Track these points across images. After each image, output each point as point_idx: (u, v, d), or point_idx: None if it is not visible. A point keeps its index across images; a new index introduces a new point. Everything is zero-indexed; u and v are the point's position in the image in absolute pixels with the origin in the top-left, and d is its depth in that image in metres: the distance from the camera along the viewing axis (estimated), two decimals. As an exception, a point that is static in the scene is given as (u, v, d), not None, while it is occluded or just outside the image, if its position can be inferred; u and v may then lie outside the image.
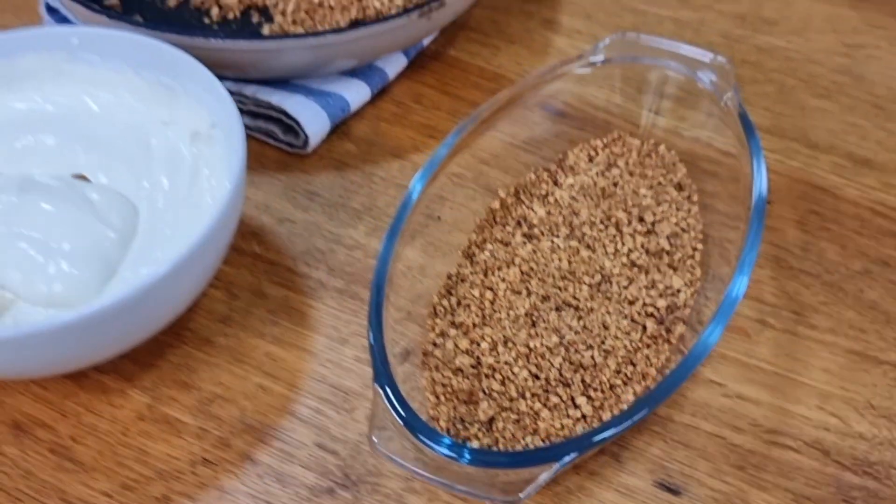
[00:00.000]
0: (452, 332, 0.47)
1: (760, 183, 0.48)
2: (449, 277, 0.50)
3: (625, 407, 0.44)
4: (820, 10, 0.69)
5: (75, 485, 0.44)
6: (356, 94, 0.58)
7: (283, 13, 0.60)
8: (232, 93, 0.50)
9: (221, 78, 0.50)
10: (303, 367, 0.48)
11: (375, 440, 0.39)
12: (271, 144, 0.58)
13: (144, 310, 0.42)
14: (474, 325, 0.47)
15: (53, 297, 0.44)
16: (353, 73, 0.59)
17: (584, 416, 0.44)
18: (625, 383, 0.45)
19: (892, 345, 0.49)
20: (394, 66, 0.61)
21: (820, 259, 0.53)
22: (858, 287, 0.52)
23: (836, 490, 0.44)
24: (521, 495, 0.39)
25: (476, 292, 0.48)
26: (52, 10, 0.61)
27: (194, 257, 0.42)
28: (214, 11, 0.62)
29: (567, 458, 0.39)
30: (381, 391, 0.40)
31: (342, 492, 0.44)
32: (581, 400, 0.44)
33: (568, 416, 0.44)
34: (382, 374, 0.41)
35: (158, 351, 0.48)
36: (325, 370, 0.48)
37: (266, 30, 0.60)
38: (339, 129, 0.59)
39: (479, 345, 0.46)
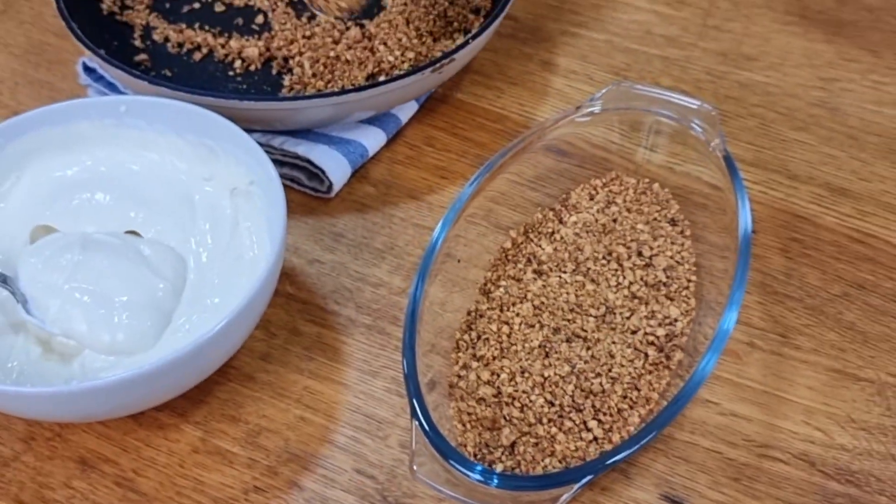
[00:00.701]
0: (474, 364, 0.52)
1: (746, 224, 0.53)
2: (468, 313, 0.55)
3: (632, 429, 0.50)
4: (797, 45, 0.74)
5: (139, 513, 0.49)
6: (373, 139, 0.63)
7: (302, 66, 0.65)
8: (261, 144, 0.55)
9: (250, 131, 0.55)
10: (338, 399, 0.53)
11: (416, 468, 0.44)
12: (297, 189, 0.63)
13: (203, 359, 0.46)
14: (494, 358, 0.52)
15: (116, 346, 0.49)
16: (369, 120, 0.64)
17: (595, 439, 0.49)
18: (631, 407, 0.50)
19: (869, 363, 0.55)
20: (406, 111, 0.66)
21: (802, 284, 0.58)
22: (838, 310, 0.57)
23: (821, 498, 0.49)
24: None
25: (494, 327, 0.54)
26: (89, 70, 0.65)
27: (247, 309, 0.46)
28: (237, 64, 0.67)
29: (585, 480, 0.44)
30: (418, 425, 0.45)
31: (381, 512, 0.49)
32: (592, 424, 0.50)
33: (581, 438, 0.49)
34: (419, 409, 0.46)
35: (207, 388, 0.53)
36: (359, 401, 0.53)
37: (286, 81, 0.65)
38: (359, 172, 0.64)
39: (498, 375, 0.51)
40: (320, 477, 0.50)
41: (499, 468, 0.48)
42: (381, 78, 0.64)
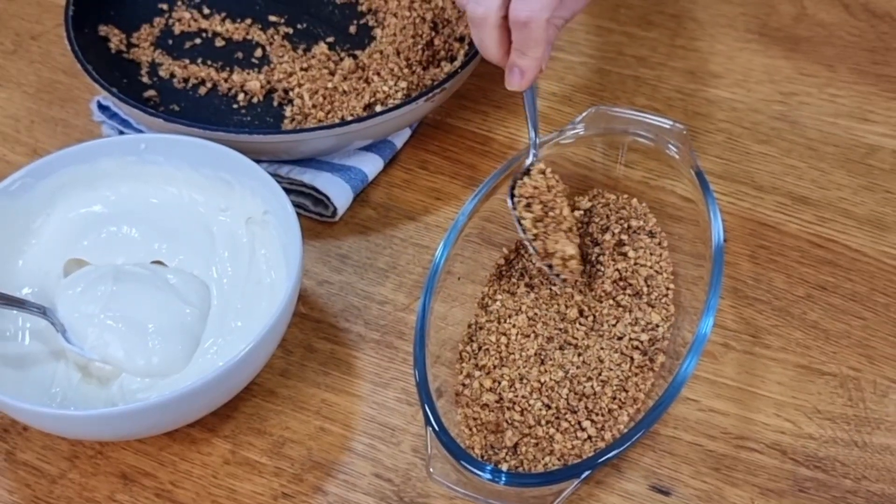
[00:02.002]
0: (477, 373, 0.57)
1: (718, 235, 0.58)
2: (469, 326, 0.60)
3: (622, 427, 0.55)
4: (758, 62, 0.79)
5: (178, 521, 0.53)
6: (372, 165, 0.68)
7: (302, 97, 0.70)
8: (269, 173, 0.59)
9: (258, 161, 0.59)
10: (354, 410, 0.58)
11: (432, 470, 0.49)
12: (303, 215, 0.67)
13: (232, 379, 0.51)
14: (494, 367, 0.57)
15: (151, 369, 0.54)
16: (367, 147, 0.69)
17: (590, 437, 0.55)
18: (620, 407, 0.56)
19: (832, 358, 0.60)
20: (400, 137, 0.70)
21: (770, 288, 0.64)
22: (802, 310, 0.63)
23: (793, 483, 0.55)
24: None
25: (493, 338, 0.59)
26: (103, 108, 0.69)
27: (271, 331, 0.51)
28: (241, 97, 0.71)
29: (584, 475, 0.49)
30: (432, 430, 0.50)
31: (398, 512, 0.54)
32: (586, 423, 0.55)
33: (577, 437, 0.55)
34: (432, 416, 0.51)
35: (233, 404, 0.57)
36: (373, 411, 0.58)
37: (288, 112, 0.70)
38: (360, 196, 0.68)
39: (499, 383, 0.57)
40: (342, 482, 0.55)
41: (504, 467, 0.53)
42: (377, 107, 0.69)
